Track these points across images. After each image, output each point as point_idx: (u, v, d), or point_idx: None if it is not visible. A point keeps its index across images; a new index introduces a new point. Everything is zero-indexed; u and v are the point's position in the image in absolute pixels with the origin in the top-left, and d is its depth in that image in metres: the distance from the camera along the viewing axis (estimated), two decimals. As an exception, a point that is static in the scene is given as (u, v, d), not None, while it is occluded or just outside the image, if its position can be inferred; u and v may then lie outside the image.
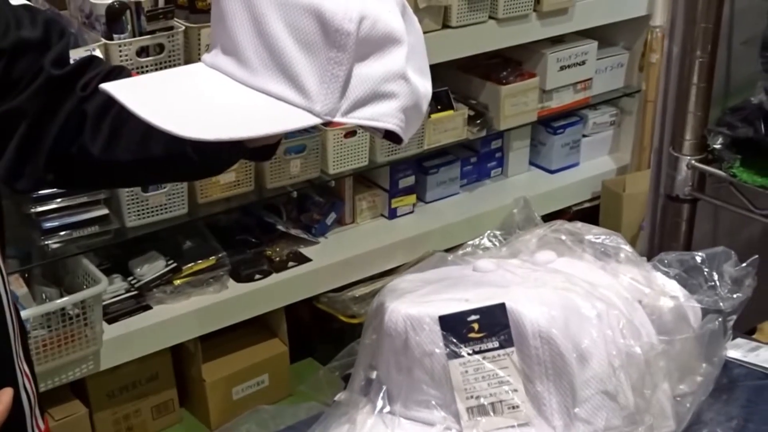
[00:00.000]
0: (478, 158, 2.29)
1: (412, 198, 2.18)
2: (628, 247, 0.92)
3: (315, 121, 0.66)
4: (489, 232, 1.01)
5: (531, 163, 2.40)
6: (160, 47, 1.61)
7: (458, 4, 1.99)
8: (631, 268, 0.90)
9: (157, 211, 1.77)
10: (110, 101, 0.69)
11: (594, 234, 0.93)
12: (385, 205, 2.16)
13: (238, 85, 0.67)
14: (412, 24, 0.71)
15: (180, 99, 0.66)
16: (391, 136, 0.70)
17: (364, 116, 0.68)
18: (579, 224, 0.95)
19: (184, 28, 1.64)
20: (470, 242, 0.99)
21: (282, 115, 0.66)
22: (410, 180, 2.16)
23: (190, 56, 1.67)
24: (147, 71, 1.58)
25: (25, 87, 0.75)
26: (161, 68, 1.53)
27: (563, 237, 0.93)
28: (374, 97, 0.68)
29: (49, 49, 0.77)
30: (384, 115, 0.68)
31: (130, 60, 1.59)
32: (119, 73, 0.80)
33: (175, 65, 1.65)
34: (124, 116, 0.71)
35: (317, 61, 0.66)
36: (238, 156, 0.79)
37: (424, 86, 0.71)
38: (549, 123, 2.35)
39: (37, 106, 0.76)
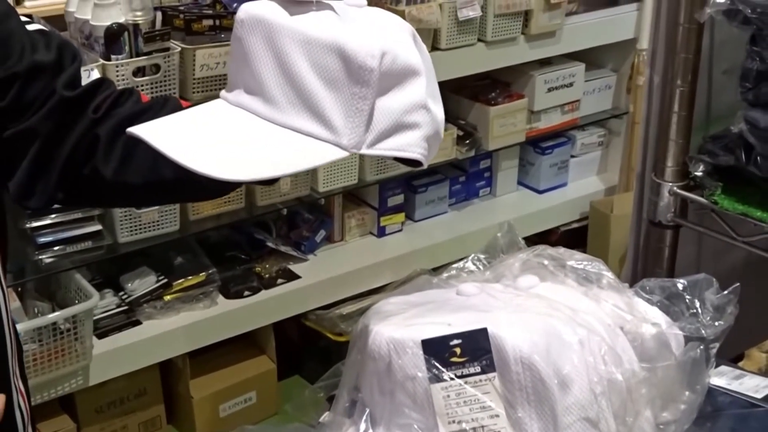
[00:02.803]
0: (467, 177, 2.29)
1: (401, 216, 2.18)
2: (610, 274, 0.92)
3: (343, 154, 0.68)
4: (473, 255, 1.01)
5: (519, 183, 2.40)
6: (157, 67, 1.63)
7: (448, 26, 2.00)
8: (612, 294, 0.90)
9: (149, 227, 1.77)
10: (122, 125, 0.72)
11: (576, 259, 0.93)
12: (374, 223, 2.16)
13: (266, 123, 0.68)
14: (423, 52, 0.72)
15: (212, 140, 0.67)
16: (411, 161, 0.72)
17: (389, 147, 0.69)
18: (561, 249, 0.95)
19: (179, 49, 1.66)
20: (455, 265, 1.00)
21: (312, 151, 0.67)
22: (399, 198, 2.17)
23: (185, 76, 1.68)
24: (142, 90, 1.54)
25: (38, 108, 0.76)
26: (157, 87, 1.59)
27: (546, 262, 0.93)
28: (398, 128, 0.69)
29: (62, 71, 0.79)
30: (408, 145, 0.70)
31: (127, 80, 1.61)
32: (130, 95, 0.81)
33: (170, 85, 1.65)
34: (135, 140, 0.71)
35: (342, 97, 0.67)
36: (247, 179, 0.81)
37: (440, 112, 0.73)
38: (537, 143, 2.35)
39: (50, 127, 0.77)
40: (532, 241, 2.42)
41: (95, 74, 0.82)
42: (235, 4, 1.63)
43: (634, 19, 2.31)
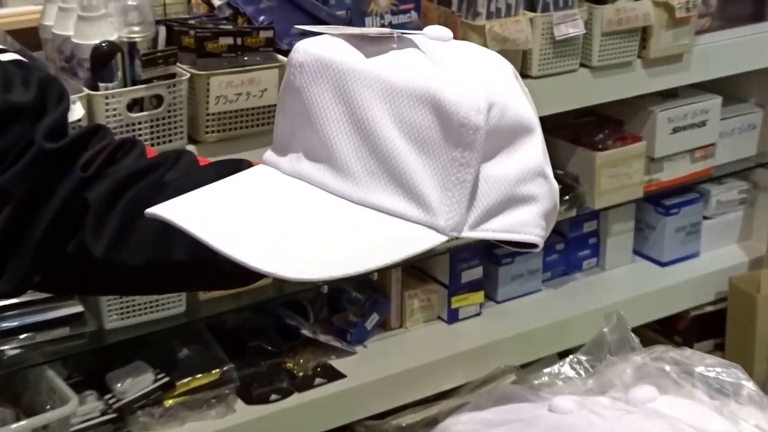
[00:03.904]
0: (567, 245, 2.14)
1: (479, 296, 2.04)
2: (751, 384, 0.86)
3: (440, 239, 0.66)
4: (572, 357, 0.98)
5: (635, 253, 2.25)
6: (158, 99, 1.52)
7: (541, 47, 1.87)
8: (755, 412, 0.85)
9: (145, 309, 1.66)
10: (120, 187, 0.72)
11: (707, 365, 0.88)
12: (443, 304, 2.02)
13: (337, 200, 0.66)
14: (528, 96, 0.71)
15: (268, 223, 0.64)
16: (524, 243, 0.70)
17: (499, 228, 0.67)
18: (688, 351, 0.92)
19: (189, 75, 1.54)
20: (547, 370, 0.97)
21: (401, 237, 0.65)
22: (477, 272, 2.03)
23: (196, 110, 1.57)
24: (139, 129, 1.50)
25: (12, 163, 0.75)
26: (159, 125, 1.51)
27: (667, 367, 0.89)
28: (509, 202, 0.67)
29: (43, 116, 0.77)
30: (523, 224, 0.68)
31: (119, 115, 1.50)
32: (131, 148, 0.80)
33: (176, 121, 1.55)
34: (135, 208, 0.71)
35: (438, 164, 0.65)
36: None
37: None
38: (659, 200, 2.22)
39: (26, 188, 0.75)
40: (652, 329, 2.19)
41: (78, 110, 0.81)
42: (286, 39, 1.54)
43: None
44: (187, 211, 0.65)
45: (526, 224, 0.68)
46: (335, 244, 0.64)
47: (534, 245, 0.69)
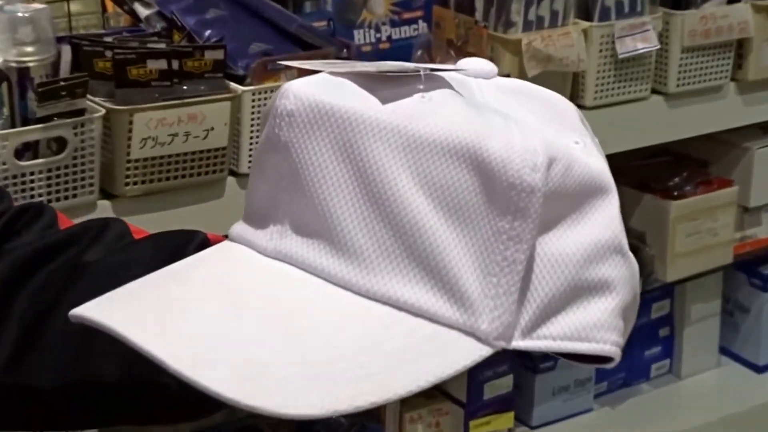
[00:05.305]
0: (629, 341, 1.96)
1: (508, 419, 1.78)
2: None
3: (482, 353, 0.58)
4: None
5: (723, 351, 2.00)
6: (60, 143, 1.38)
7: (599, 69, 1.69)
8: None
9: None
10: (20, 270, 0.70)
11: None
12: (458, 431, 1.78)
13: (338, 292, 0.59)
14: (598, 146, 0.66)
15: (250, 337, 0.57)
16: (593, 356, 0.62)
17: (562, 335, 0.59)
18: None
19: (104, 111, 1.40)
20: None
21: (429, 349, 0.57)
22: (505, 383, 1.78)
23: (113, 157, 1.42)
24: (31, 182, 1.35)
25: None
26: (59, 177, 1.39)
27: None
28: (574, 294, 0.60)
29: None
30: (594, 327, 0.60)
31: (4, 164, 1.36)
32: (36, 216, 0.76)
33: (84, 170, 1.39)
34: (47, 306, 0.68)
35: (478, 239, 0.58)
36: None
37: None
38: (754, 269, 2.01)
39: None
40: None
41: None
42: (242, 61, 1.42)
43: None
44: (132, 315, 0.57)
45: (599, 326, 0.60)
46: (340, 362, 0.57)
47: (609, 360, 0.62)
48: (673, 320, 1.94)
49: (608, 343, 0.61)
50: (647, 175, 1.91)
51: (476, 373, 1.74)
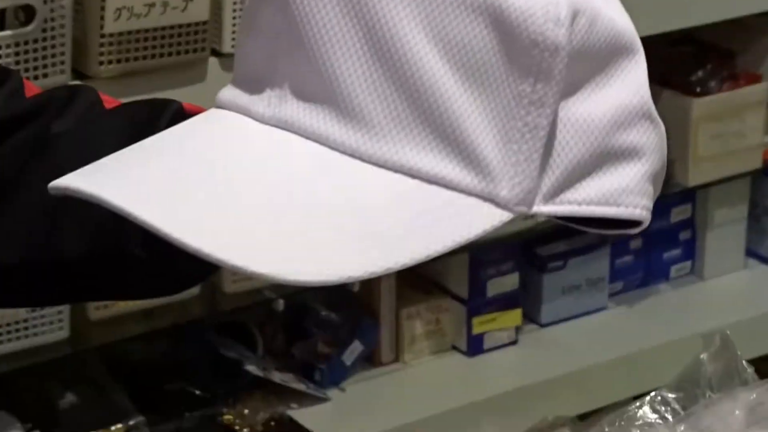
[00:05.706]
0: (646, 240, 1.92)
1: (515, 317, 1.78)
2: None
3: (502, 218, 0.59)
4: (654, 393, 0.93)
5: (749, 253, 1.99)
6: (29, 13, 1.39)
7: None
8: None
9: (8, 334, 1.51)
10: None
11: None
12: (460, 329, 1.78)
13: (344, 160, 0.59)
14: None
15: (252, 204, 0.58)
16: (622, 221, 0.63)
17: (587, 200, 0.60)
18: None
19: None
20: (616, 414, 0.93)
21: (443, 214, 0.58)
22: (511, 281, 1.78)
23: (85, 31, 1.42)
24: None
25: None
26: (27, 52, 1.42)
27: None
28: (601, 159, 0.60)
29: None
30: (623, 192, 0.61)
31: None
32: (1, 81, 0.76)
33: (54, 46, 1.42)
34: (11, 181, 0.72)
35: (497, 103, 0.58)
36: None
37: None
38: None
39: None
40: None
41: None
42: None
43: None
44: (119, 184, 0.58)
45: (628, 191, 0.61)
46: (351, 229, 0.58)
47: (637, 223, 0.63)
48: (695, 224, 1.92)
49: (638, 207, 0.62)
50: (666, 67, 1.83)
51: (478, 270, 1.73)
